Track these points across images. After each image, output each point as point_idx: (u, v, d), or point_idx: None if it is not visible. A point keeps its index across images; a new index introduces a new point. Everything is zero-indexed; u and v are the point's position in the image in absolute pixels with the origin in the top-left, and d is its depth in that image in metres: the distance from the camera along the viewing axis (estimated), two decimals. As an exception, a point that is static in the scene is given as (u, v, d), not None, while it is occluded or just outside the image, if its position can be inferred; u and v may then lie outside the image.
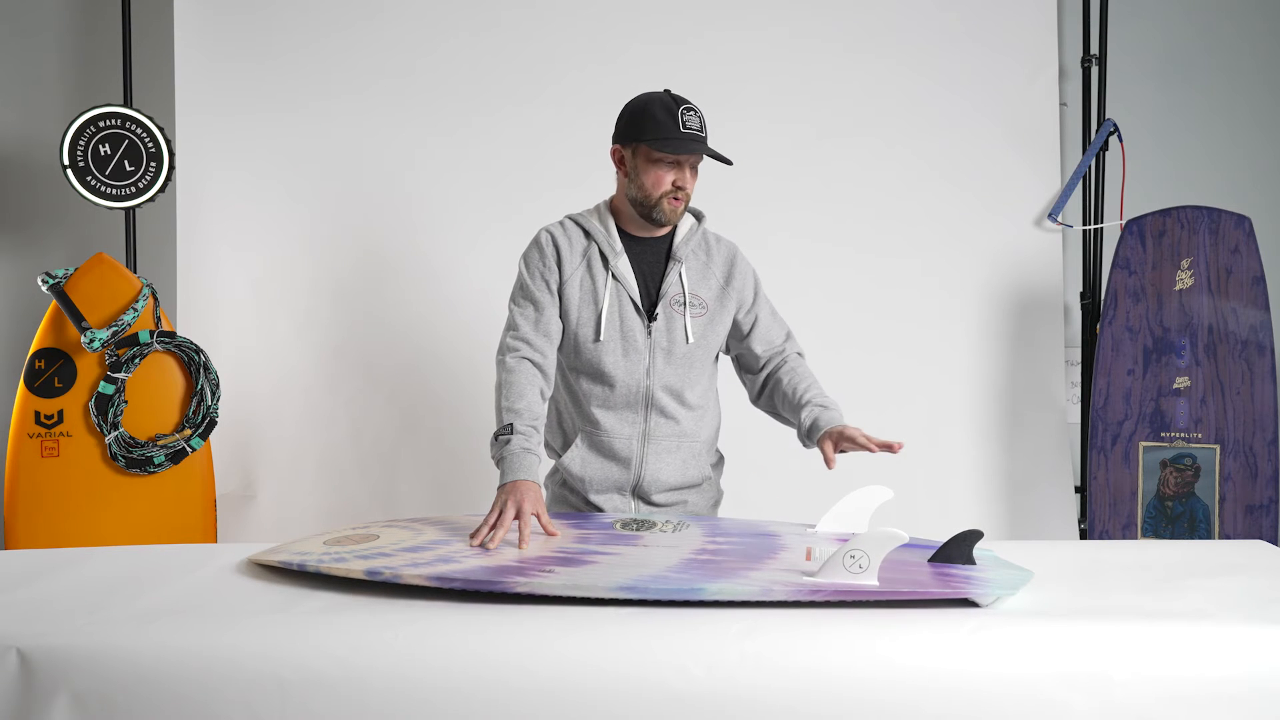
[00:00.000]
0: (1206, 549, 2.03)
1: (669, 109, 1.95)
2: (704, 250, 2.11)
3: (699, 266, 2.09)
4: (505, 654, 1.39)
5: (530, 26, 3.22)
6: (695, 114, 1.97)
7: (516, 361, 1.99)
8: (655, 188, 1.98)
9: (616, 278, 2.04)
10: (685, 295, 2.05)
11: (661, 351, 2.05)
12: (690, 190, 2.01)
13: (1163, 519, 3.02)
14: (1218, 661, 1.38)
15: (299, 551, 1.73)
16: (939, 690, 1.36)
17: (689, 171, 1.99)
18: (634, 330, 2.04)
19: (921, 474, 3.16)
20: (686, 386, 2.08)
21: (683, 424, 2.09)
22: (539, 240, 2.08)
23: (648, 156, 1.97)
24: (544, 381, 2.01)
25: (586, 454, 2.10)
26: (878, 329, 3.23)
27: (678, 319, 2.05)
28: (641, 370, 2.05)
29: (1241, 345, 2.96)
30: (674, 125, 1.94)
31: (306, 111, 3.18)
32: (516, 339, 2.02)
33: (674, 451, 2.10)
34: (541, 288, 2.04)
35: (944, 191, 3.26)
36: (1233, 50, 3.49)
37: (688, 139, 1.94)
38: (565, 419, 2.16)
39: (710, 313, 2.08)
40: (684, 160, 1.97)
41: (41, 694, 1.37)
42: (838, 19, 3.25)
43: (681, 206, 2.00)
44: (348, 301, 3.21)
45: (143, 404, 2.80)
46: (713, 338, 2.09)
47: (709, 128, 2.02)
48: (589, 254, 2.06)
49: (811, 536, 1.85)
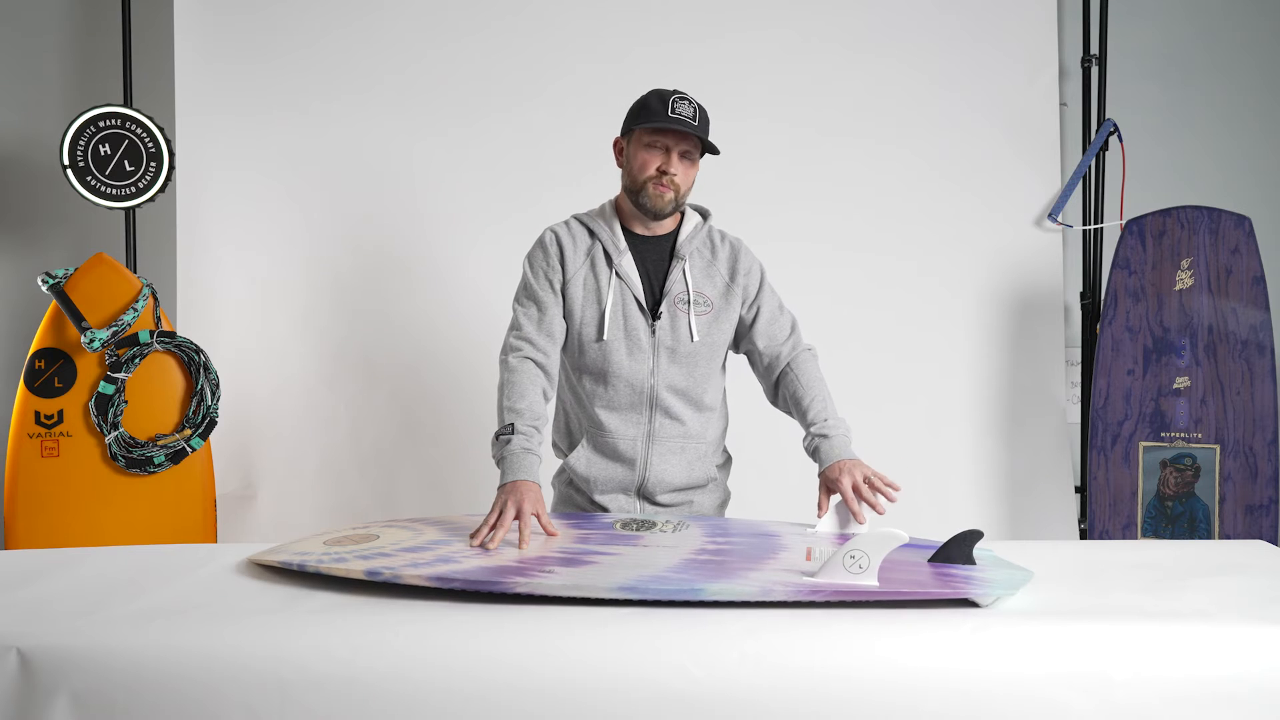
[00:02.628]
0: (1206, 549, 2.03)
1: (663, 98, 1.98)
2: (708, 248, 2.11)
3: (703, 264, 2.09)
4: (505, 654, 1.39)
5: (530, 26, 3.22)
6: (688, 103, 1.99)
7: (519, 361, 2.00)
8: (642, 171, 2.00)
9: (620, 276, 2.04)
10: (690, 293, 2.05)
11: (666, 350, 2.04)
12: (680, 179, 2.00)
13: (1163, 519, 3.02)
14: (1218, 661, 1.38)
15: (299, 551, 1.73)
16: (939, 690, 1.36)
17: (677, 158, 1.99)
18: (638, 329, 2.04)
19: (921, 474, 3.15)
20: (691, 386, 2.07)
21: (688, 425, 2.09)
22: (543, 240, 2.09)
23: (638, 141, 2.00)
24: (546, 381, 2.01)
25: (591, 455, 2.10)
26: (878, 329, 3.23)
27: (682, 317, 2.04)
28: (646, 370, 2.04)
29: (1241, 345, 2.96)
30: (664, 111, 1.96)
31: (306, 111, 3.18)
32: (520, 338, 2.02)
33: (679, 452, 2.09)
34: (545, 287, 2.04)
35: (944, 191, 3.26)
36: (1233, 50, 3.49)
37: (674, 121, 1.95)
38: (571, 420, 2.16)
39: (715, 310, 2.08)
40: (671, 145, 1.98)
41: (41, 694, 1.37)
42: (838, 19, 3.25)
43: (669, 194, 2.00)
44: (348, 301, 3.21)
45: (143, 404, 2.80)
46: (718, 335, 2.08)
47: (711, 128, 2.03)
48: (593, 253, 2.06)
49: (811, 536, 1.85)
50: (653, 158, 1.99)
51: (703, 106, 2.01)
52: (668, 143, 1.98)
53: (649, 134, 1.99)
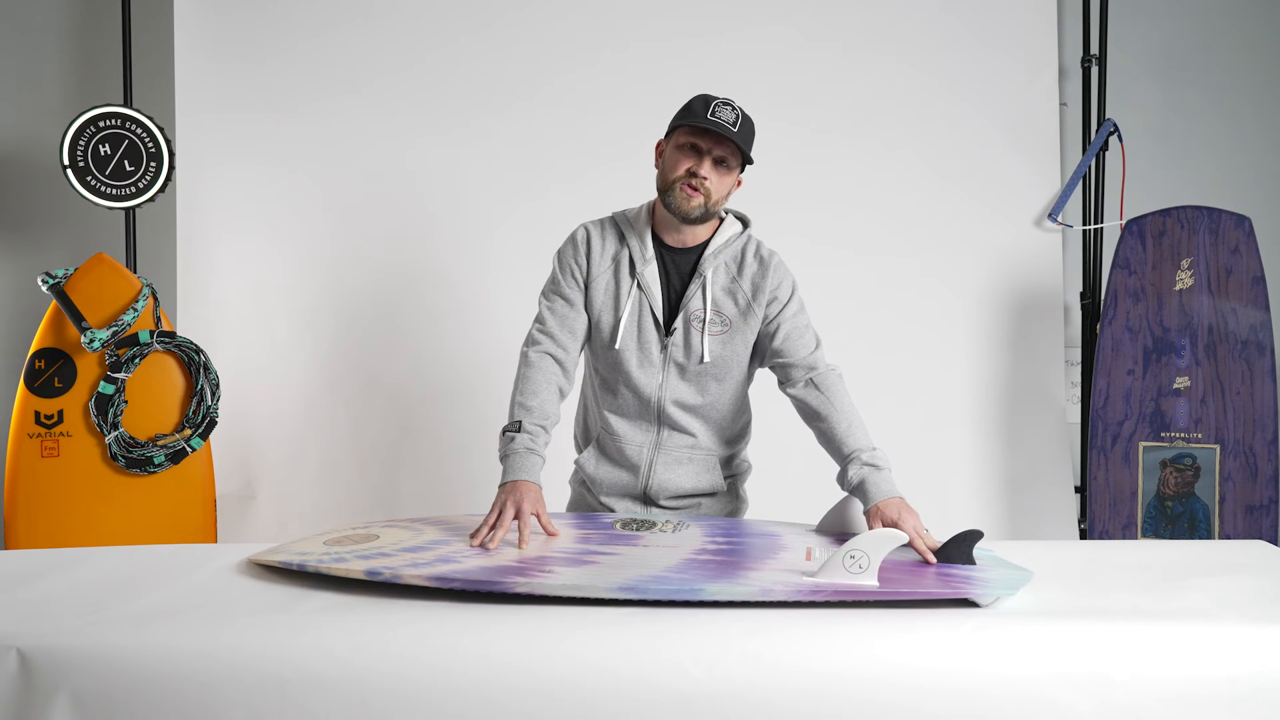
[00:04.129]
0: (1206, 549, 2.03)
1: (706, 102, 1.95)
2: (736, 263, 2.04)
3: (726, 280, 2.02)
4: (505, 654, 1.39)
5: (530, 26, 3.22)
6: (731, 109, 1.94)
7: (538, 356, 1.99)
8: (672, 171, 1.96)
9: (641, 287, 2.01)
10: (706, 312, 2.00)
11: (676, 366, 2.02)
12: (712, 184, 1.94)
13: (1163, 519, 3.02)
14: (1218, 661, 1.38)
15: (299, 551, 1.73)
16: (939, 690, 1.36)
17: (710, 162, 1.94)
18: (650, 342, 2.01)
19: (921, 474, 3.15)
20: (702, 404, 2.04)
21: (698, 437, 2.06)
22: (574, 236, 2.07)
23: (675, 142, 1.97)
24: (564, 378, 2.00)
25: (599, 457, 2.10)
26: (878, 329, 3.23)
27: (695, 336, 2.00)
28: (655, 383, 2.02)
29: (1241, 345, 2.96)
30: (704, 113, 1.93)
31: (306, 111, 3.18)
32: (542, 332, 2.02)
33: (685, 462, 2.07)
34: (570, 284, 2.03)
35: (944, 191, 3.26)
36: (1233, 50, 3.49)
37: (710, 124, 1.91)
38: (590, 416, 2.15)
39: (732, 330, 2.01)
40: (705, 149, 1.94)
41: (41, 694, 1.37)
42: (838, 19, 3.25)
43: (698, 199, 1.94)
44: (348, 301, 3.21)
45: (143, 404, 2.80)
46: (731, 356, 2.02)
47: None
48: (619, 258, 2.03)
49: (811, 536, 1.85)
50: (685, 159, 1.95)
51: (749, 117, 1.96)
52: (702, 145, 1.94)
53: (685, 135, 1.95)
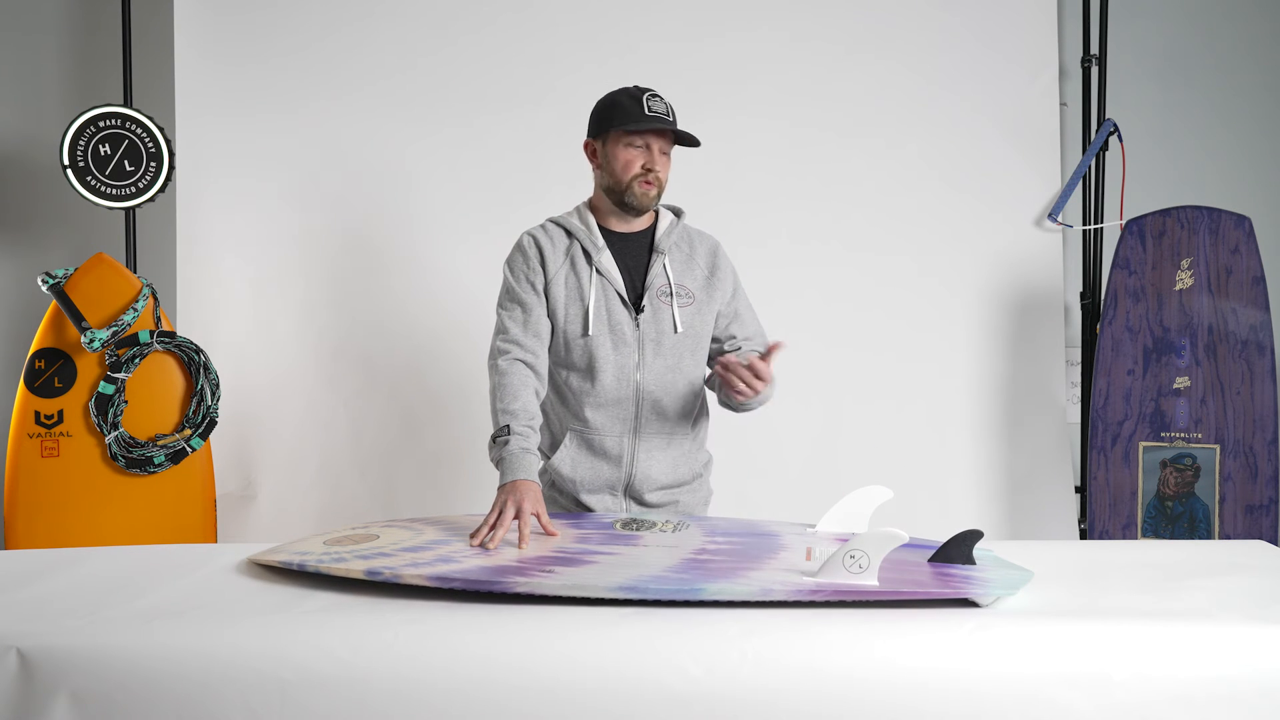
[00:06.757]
0: (1206, 549, 2.03)
1: (634, 96, 2.01)
2: (686, 243, 2.13)
3: (682, 258, 2.11)
4: (505, 654, 1.39)
5: (530, 27, 3.22)
6: (660, 99, 2.02)
7: (509, 364, 2.00)
8: (626, 171, 2.02)
9: (601, 272, 2.05)
10: (671, 286, 2.07)
11: (651, 343, 2.05)
12: (662, 175, 2.04)
13: (1163, 519, 3.02)
14: (1218, 661, 1.37)
15: (299, 551, 1.73)
16: (939, 690, 1.36)
17: (658, 154, 2.02)
18: (622, 323, 2.05)
19: (921, 474, 3.16)
20: (677, 379, 2.08)
21: (673, 420, 2.10)
22: (521, 244, 2.11)
23: (617, 142, 2.02)
24: (538, 382, 2.02)
25: (576, 454, 2.10)
26: (877, 329, 3.23)
27: (665, 309, 2.06)
28: (631, 363, 2.05)
29: (1241, 345, 2.96)
30: (640, 109, 1.99)
31: (306, 112, 3.18)
32: (507, 341, 2.03)
33: (664, 449, 2.10)
34: (527, 289, 2.06)
35: (944, 191, 3.26)
36: (1233, 50, 3.49)
37: (653, 119, 1.98)
38: (553, 420, 2.16)
39: (698, 302, 2.09)
40: (652, 143, 2.01)
41: (41, 694, 1.37)
42: (838, 20, 3.25)
43: (654, 191, 2.03)
44: (347, 301, 3.21)
45: (143, 404, 2.80)
46: (700, 327, 2.10)
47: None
48: (571, 252, 2.07)
49: (811, 536, 1.85)
50: (636, 156, 2.01)
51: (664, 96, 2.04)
52: (648, 140, 2.01)
53: (629, 134, 2.01)
